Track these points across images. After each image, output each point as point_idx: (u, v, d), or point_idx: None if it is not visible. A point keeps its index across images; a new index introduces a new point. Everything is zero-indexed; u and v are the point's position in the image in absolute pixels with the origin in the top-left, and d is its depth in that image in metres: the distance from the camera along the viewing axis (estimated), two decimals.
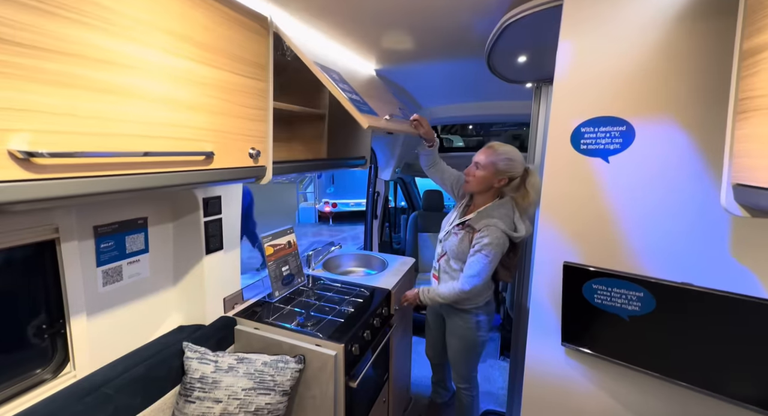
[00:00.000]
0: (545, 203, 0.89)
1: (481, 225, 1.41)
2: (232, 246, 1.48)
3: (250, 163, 1.06)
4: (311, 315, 1.49)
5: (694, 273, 0.71)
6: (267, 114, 1.10)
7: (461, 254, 1.48)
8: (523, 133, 3.94)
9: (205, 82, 0.86)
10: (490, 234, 1.38)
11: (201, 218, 1.30)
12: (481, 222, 1.42)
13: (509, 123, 3.59)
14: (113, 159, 0.69)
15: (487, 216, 1.43)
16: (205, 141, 0.89)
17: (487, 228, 1.39)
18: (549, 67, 1.47)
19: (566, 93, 0.81)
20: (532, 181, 1.42)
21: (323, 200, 9.58)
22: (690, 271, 0.72)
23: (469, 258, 1.42)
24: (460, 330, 1.63)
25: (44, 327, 0.96)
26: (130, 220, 1.15)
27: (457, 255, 1.50)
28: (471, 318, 1.60)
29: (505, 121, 2.78)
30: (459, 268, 1.51)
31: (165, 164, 0.80)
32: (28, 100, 0.56)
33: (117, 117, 0.68)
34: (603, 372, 0.86)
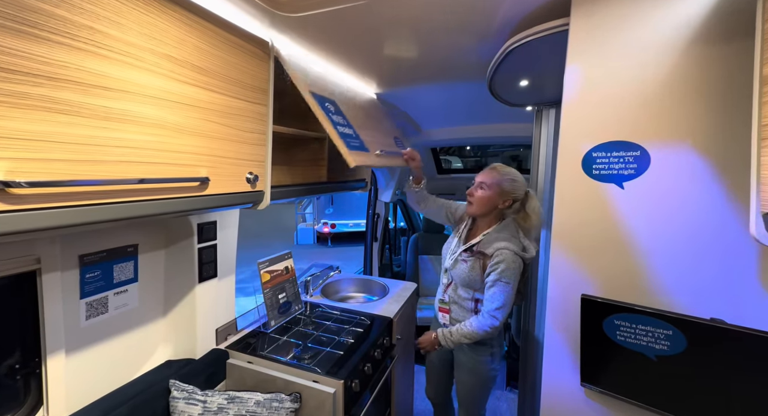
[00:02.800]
0: (557, 231, 0.84)
1: (492, 250, 1.33)
2: (227, 273, 1.41)
3: (247, 188, 1.02)
4: (308, 346, 1.41)
5: (723, 308, 0.66)
6: (266, 138, 1.07)
7: (472, 282, 1.38)
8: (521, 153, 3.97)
9: (202, 106, 0.83)
10: (505, 259, 1.29)
11: (195, 244, 1.24)
12: (492, 247, 1.33)
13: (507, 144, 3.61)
14: (100, 187, 0.64)
15: (495, 239, 1.35)
16: (199, 166, 0.85)
17: (500, 253, 1.30)
18: (550, 90, 1.48)
19: (575, 117, 0.78)
20: (533, 204, 1.38)
21: (322, 221, 9.53)
22: (719, 306, 0.66)
23: (489, 289, 1.32)
24: (472, 363, 1.48)
25: (17, 367, 0.88)
26: (119, 248, 1.10)
27: (468, 283, 1.41)
28: (486, 350, 1.46)
29: (504, 143, 2.80)
30: (469, 296, 1.42)
31: (156, 191, 0.76)
32: (7, 127, 0.52)
33: (106, 142, 0.65)
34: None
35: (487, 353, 1.46)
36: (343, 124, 1.18)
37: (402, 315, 1.82)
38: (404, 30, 1.05)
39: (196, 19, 0.78)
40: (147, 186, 0.73)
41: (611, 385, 0.77)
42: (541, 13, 0.89)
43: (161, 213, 0.78)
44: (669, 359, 0.67)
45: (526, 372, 1.99)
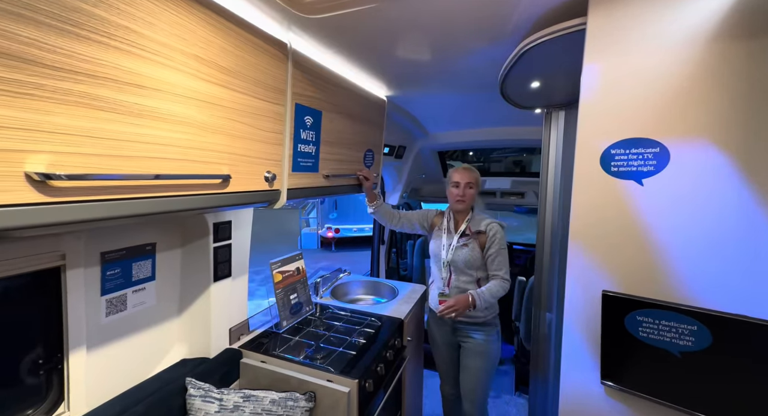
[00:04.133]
0: (575, 228, 0.85)
1: (484, 227, 1.59)
2: (241, 272, 1.43)
3: (265, 187, 1.03)
4: (321, 346, 1.41)
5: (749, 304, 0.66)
6: (283, 137, 1.09)
7: (475, 261, 1.57)
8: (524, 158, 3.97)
9: (225, 105, 0.85)
10: (497, 230, 1.59)
11: (210, 243, 1.26)
12: (482, 225, 1.59)
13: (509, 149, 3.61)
14: (132, 182, 0.66)
15: (479, 219, 1.62)
16: (222, 164, 0.87)
17: (492, 227, 1.59)
18: (561, 92, 1.49)
19: (593, 115, 0.79)
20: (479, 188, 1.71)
21: (326, 225, 9.55)
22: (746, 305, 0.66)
23: (495, 260, 1.57)
24: (482, 346, 1.63)
25: (40, 363, 0.89)
26: (138, 246, 1.11)
27: (471, 265, 1.58)
28: (493, 329, 1.65)
29: (510, 146, 2.80)
30: (472, 279, 1.59)
31: (182, 187, 0.77)
32: (51, 122, 0.54)
33: (138, 138, 0.66)
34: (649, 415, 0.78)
35: (494, 332, 1.66)
36: (309, 140, 1.22)
37: (412, 316, 1.82)
38: (418, 32, 1.07)
39: (221, 21, 0.81)
40: (175, 182, 0.75)
41: (632, 383, 0.77)
42: (556, 13, 0.90)
43: (186, 210, 0.80)
44: (694, 355, 0.67)
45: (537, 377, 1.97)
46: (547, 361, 1.91)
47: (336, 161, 1.42)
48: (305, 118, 1.17)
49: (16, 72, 0.49)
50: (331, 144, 1.35)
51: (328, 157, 1.35)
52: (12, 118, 0.50)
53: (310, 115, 1.20)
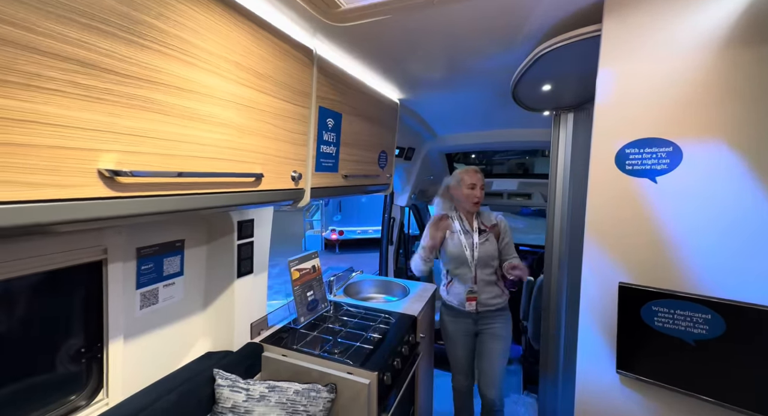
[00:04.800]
0: (591, 224, 0.89)
1: (494, 220, 1.80)
2: (261, 269, 1.48)
3: (292, 186, 1.09)
4: (338, 341, 1.45)
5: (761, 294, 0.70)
6: (308, 138, 1.14)
7: (494, 253, 1.75)
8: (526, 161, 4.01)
9: (259, 108, 0.91)
10: (505, 222, 1.82)
11: (235, 241, 1.31)
12: (491, 219, 1.80)
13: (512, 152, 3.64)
14: (183, 179, 0.71)
15: (486, 213, 1.83)
16: (255, 163, 0.92)
17: (500, 219, 1.81)
18: (571, 95, 1.54)
19: (608, 116, 0.84)
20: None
21: (330, 228, 9.61)
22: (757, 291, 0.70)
23: (509, 246, 1.78)
24: (502, 329, 1.79)
25: (82, 351, 0.95)
26: (169, 242, 1.16)
27: (492, 256, 1.74)
28: (508, 314, 1.83)
29: (518, 148, 2.85)
30: (493, 270, 1.76)
31: (222, 185, 0.83)
32: (120, 124, 0.59)
33: (185, 139, 0.72)
34: (665, 402, 0.82)
35: (509, 315, 1.84)
36: (331, 142, 1.27)
37: (424, 314, 1.86)
38: (434, 40, 1.13)
39: (259, 31, 0.86)
40: (217, 180, 0.80)
41: (647, 371, 0.81)
42: (570, 21, 0.96)
43: (226, 206, 0.85)
44: (708, 343, 0.71)
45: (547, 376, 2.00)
46: (557, 360, 1.95)
47: (353, 162, 1.47)
48: (327, 121, 1.23)
49: (93, 79, 0.55)
50: (349, 145, 1.40)
51: (346, 157, 1.40)
52: (89, 120, 0.55)
53: (332, 118, 1.25)
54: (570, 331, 1.78)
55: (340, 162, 1.35)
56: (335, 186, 1.35)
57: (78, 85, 0.53)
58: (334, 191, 1.36)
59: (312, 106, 1.13)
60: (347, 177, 1.41)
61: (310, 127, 1.14)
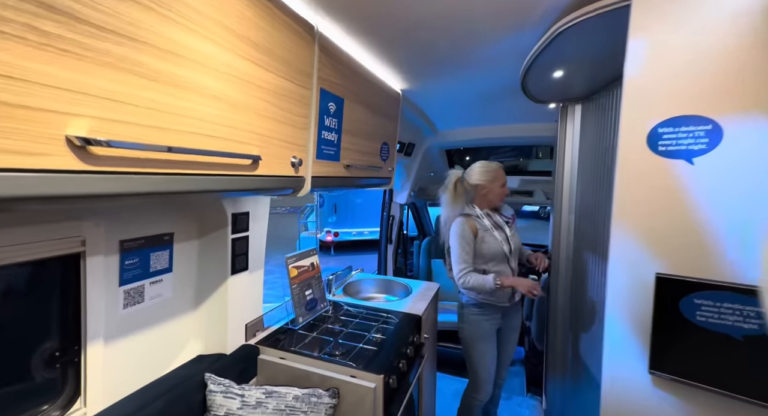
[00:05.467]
0: (619, 210, 0.82)
1: (512, 211, 1.82)
2: (257, 266, 1.38)
3: (291, 172, 1.00)
4: (339, 343, 1.36)
5: None
6: (309, 122, 1.06)
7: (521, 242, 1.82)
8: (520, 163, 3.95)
9: (256, 84, 0.82)
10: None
11: (229, 235, 1.22)
12: (507, 208, 1.83)
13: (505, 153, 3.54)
14: (170, 156, 0.62)
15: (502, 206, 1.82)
16: (251, 144, 0.84)
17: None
18: (580, 85, 1.48)
19: (639, 93, 0.78)
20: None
21: (325, 229, 9.49)
22: None
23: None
24: (517, 321, 1.86)
25: (57, 355, 0.84)
26: (156, 236, 1.07)
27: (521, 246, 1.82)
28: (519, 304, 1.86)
29: (520, 143, 2.79)
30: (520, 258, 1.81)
31: (216, 166, 0.74)
32: (93, 85, 0.51)
33: (174, 111, 0.63)
34: (705, 406, 0.74)
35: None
36: (332, 128, 1.18)
37: (428, 314, 1.78)
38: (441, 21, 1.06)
39: None
40: (209, 159, 0.71)
41: (685, 371, 0.74)
42: None
43: (219, 190, 0.77)
44: (759, 339, 0.64)
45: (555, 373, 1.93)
46: (565, 360, 1.88)
47: (355, 151, 1.39)
48: (329, 105, 1.15)
49: (60, 27, 0.46)
50: (351, 133, 1.32)
51: (348, 146, 1.32)
52: (55, 76, 0.46)
53: (334, 102, 1.17)
54: (579, 331, 1.72)
55: (341, 150, 1.27)
56: (337, 176, 1.27)
57: (39, 31, 0.44)
58: (336, 182, 1.27)
59: (313, 87, 1.05)
60: (349, 167, 1.33)
61: (311, 110, 1.06)
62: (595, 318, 1.49)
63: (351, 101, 1.29)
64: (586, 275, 1.56)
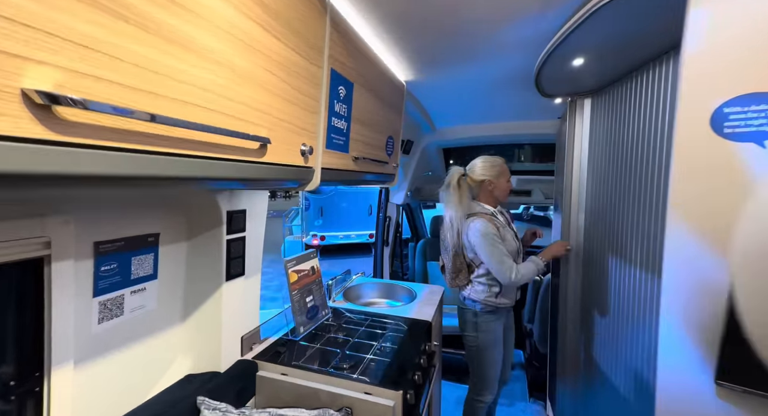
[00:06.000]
0: (676, 203, 0.74)
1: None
2: (254, 271, 1.23)
3: (301, 162, 0.87)
4: (347, 354, 1.23)
5: None
6: (319, 105, 0.93)
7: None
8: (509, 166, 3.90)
9: (264, 52, 0.70)
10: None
11: (223, 235, 1.07)
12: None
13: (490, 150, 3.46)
14: (165, 129, 0.49)
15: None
16: (259, 125, 0.71)
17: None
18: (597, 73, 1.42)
19: (701, 70, 0.70)
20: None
21: (311, 233, 9.27)
22: None
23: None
24: (513, 318, 1.83)
25: (12, 385, 0.68)
26: (138, 237, 0.91)
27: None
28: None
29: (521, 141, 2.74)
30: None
31: (218, 148, 0.61)
32: (64, 23, 0.37)
33: (167, 72, 0.50)
34: None
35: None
36: (342, 115, 1.06)
37: (436, 320, 1.67)
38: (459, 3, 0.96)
39: None
40: (212, 138, 0.58)
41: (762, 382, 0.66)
42: None
43: (221, 178, 0.63)
44: None
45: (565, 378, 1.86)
46: (577, 361, 1.81)
47: (364, 143, 1.27)
48: (339, 89, 1.03)
49: None
50: (360, 123, 1.21)
51: (357, 137, 1.20)
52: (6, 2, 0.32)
53: (344, 86, 1.05)
54: (591, 331, 1.65)
55: (350, 141, 1.15)
56: (345, 169, 1.14)
57: None
58: (344, 175, 1.15)
59: (324, 65, 0.93)
60: (357, 159, 1.21)
61: (322, 92, 0.94)
62: (609, 317, 1.43)
63: (360, 87, 1.17)
64: (602, 275, 1.49)
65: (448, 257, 1.69)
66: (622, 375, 1.32)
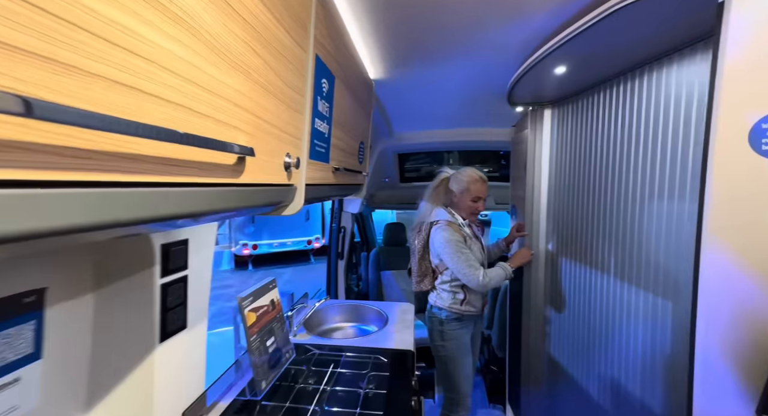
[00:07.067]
0: (715, 225, 0.69)
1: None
2: (199, 319, 0.92)
3: (284, 179, 0.63)
4: (326, 411, 0.99)
5: None
6: (304, 102, 0.69)
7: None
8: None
9: (247, 18, 0.45)
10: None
11: (156, 278, 0.75)
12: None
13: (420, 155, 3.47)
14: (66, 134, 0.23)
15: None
16: (238, 128, 0.45)
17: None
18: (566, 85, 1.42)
19: (740, 80, 0.66)
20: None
21: (241, 242, 8.43)
22: None
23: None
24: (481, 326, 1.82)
25: None
26: (7, 299, 0.56)
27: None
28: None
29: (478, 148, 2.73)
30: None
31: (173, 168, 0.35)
32: None
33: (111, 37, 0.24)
34: None
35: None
36: (325, 115, 0.84)
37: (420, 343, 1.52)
38: None
39: None
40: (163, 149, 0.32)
41: None
42: None
43: (169, 217, 0.37)
44: None
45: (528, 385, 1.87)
46: (540, 364, 1.83)
47: (341, 150, 1.05)
48: (322, 82, 0.80)
49: None
50: (339, 126, 0.98)
51: (336, 142, 0.98)
52: None
53: (327, 79, 0.82)
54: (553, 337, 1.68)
55: (331, 148, 0.92)
56: (327, 183, 0.91)
57: None
58: (324, 191, 0.92)
59: (310, 49, 0.69)
60: (337, 171, 0.98)
61: (307, 85, 0.70)
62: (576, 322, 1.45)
63: (341, 82, 0.95)
64: (568, 280, 1.51)
65: (414, 260, 1.68)
66: (591, 379, 1.34)
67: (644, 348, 1.09)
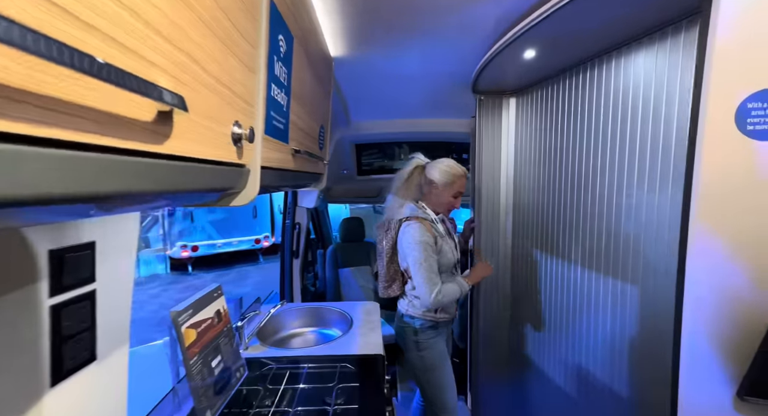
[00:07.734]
0: (702, 210, 0.68)
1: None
2: (116, 345, 0.70)
3: (233, 156, 0.46)
4: None
5: None
6: (258, 56, 0.53)
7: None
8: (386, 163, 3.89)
9: None
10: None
11: (41, 299, 0.53)
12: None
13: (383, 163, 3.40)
14: None
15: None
16: (158, 65, 0.29)
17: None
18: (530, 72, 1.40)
19: (729, 58, 0.64)
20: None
21: (178, 243, 7.64)
22: None
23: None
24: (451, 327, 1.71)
25: None
26: None
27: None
28: None
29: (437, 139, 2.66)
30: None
31: (55, 116, 0.18)
32: None
33: None
34: None
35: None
36: (282, 82, 0.67)
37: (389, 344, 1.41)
38: None
39: None
40: (48, 83, 0.16)
41: None
42: None
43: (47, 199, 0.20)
44: None
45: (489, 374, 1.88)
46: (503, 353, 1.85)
47: (301, 131, 0.89)
48: (279, 38, 0.63)
49: None
50: (298, 100, 0.82)
51: (295, 120, 0.81)
52: None
53: (284, 36, 0.66)
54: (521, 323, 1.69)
55: (290, 125, 0.76)
56: (285, 168, 0.75)
57: None
58: (285, 178, 0.75)
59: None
60: (297, 154, 0.82)
61: (261, 35, 0.54)
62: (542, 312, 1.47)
63: (300, 46, 0.79)
64: (533, 271, 1.53)
65: (382, 263, 1.50)
66: (557, 365, 1.36)
67: (612, 333, 1.10)
